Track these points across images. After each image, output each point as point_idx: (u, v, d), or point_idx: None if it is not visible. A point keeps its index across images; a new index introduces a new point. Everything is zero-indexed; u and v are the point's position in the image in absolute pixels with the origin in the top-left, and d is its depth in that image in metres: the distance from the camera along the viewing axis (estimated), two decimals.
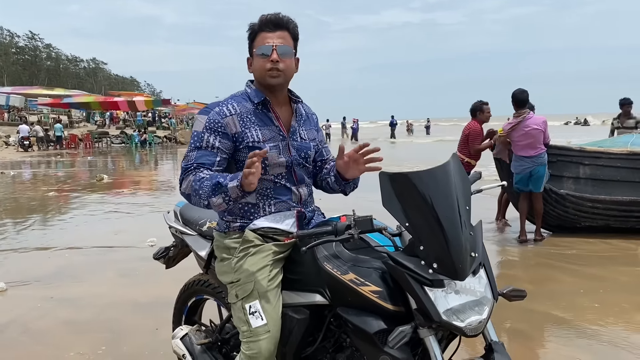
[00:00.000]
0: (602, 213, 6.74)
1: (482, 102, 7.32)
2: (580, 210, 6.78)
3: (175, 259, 3.00)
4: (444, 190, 1.80)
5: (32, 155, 25.29)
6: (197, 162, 2.10)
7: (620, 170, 6.79)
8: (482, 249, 1.86)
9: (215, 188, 2.00)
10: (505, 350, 1.89)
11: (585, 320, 4.03)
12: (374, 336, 1.85)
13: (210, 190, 2.01)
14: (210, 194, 2.01)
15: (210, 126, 2.13)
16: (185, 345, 2.64)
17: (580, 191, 6.77)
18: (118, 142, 33.95)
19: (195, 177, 2.07)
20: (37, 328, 4.04)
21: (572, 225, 6.96)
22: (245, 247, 2.19)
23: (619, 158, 6.87)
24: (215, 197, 2.01)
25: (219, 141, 2.13)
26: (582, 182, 6.85)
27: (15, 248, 6.72)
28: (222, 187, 1.99)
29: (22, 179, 15.73)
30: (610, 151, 6.98)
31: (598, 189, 6.74)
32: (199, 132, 2.15)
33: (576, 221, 6.88)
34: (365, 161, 2.15)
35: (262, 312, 2.11)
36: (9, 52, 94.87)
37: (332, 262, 2.01)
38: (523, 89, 6.54)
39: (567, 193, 6.74)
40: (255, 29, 2.18)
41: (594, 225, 6.85)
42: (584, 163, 6.87)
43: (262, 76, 2.17)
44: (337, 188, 2.36)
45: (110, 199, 11.04)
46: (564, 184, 6.84)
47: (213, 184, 2.00)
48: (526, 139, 6.42)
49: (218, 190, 1.99)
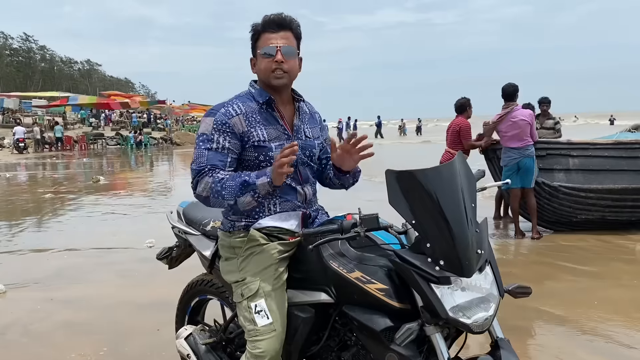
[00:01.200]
0: (596, 204, 6.79)
1: (467, 98, 7.52)
2: (574, 202, 6.83)
3: (178, 259, 2.99)
4: (450, 188, 1.81)
5: (27, 158, 25.20)
6: (210, 164, 2.10)
7: (608, 160, 6.91)
8: (488, 246, 1.87)
9: (243, 187, 2.03)
10: (511, 347, 1.90)
11: (585, 318, 4.06)
12: (381, 334, 1.86)
13: (238, 189, 2.03)
14: (237, 194, 2.03)
15: (219, 127, 2.13)
16: (190, 345, 2.64)
17: (572, 182, 6.83)
18: (113, 144, 33.86)
19: (213, 179, 2.06)
20: (37, 330, 4.03)
21: (568, 220, 7.00)
22: (251, 247, 2.19)
23: (606, 148, 7.04)
24: (244, 196, 2.04)
25: (229, 142, 2.13)
26: (573, 173, 6.91)
27: (13, 250, 6.71)
28: (250, 185, 2.02)
29: (18, 181, 15.67)
30: (597, 142, 7.26)
31: (589, 179, 6.82)
32: (208, 134, 2.13)
33: (572, 214, 6.92)
34: (357, 150, 2.16)
35: (267, 311, 2.12)
36: (3, 54, 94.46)
37: (338, 260, 2.02)
38: (513, 83, 6.76)
39: (559, 185, 6.80)
40: (258, 30, 2.18)
41: (591, 219, 6.89)
42: (572, 155, 6.94)
43: (266, 77, 2.17)
44: (337, 182, 2.37)
45: (107, 201, 11.02)
46: (556, 177, 6.88)
47: (239, 184, 2.03)
48: (513, 129, 6.57)
49: (246, 188, 2.03)
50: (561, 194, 6.81)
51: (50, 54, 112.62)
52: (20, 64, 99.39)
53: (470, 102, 7.47)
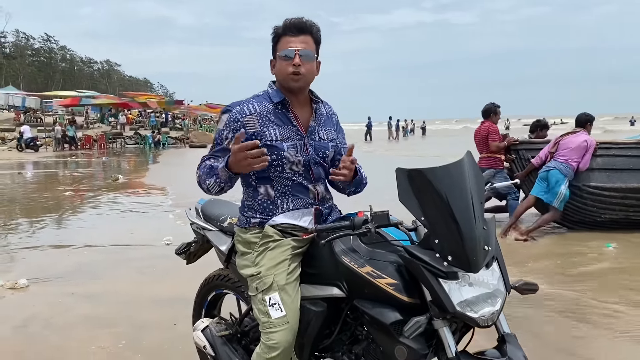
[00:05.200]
0: (620, 203, 6.77)
1: (495, 104, 7.60)
2: (598, 201, 6.81)
3: (196, 255, 3.08)
4: (459, 186, 1.87)
5: (47, 156, 25.58)
6: (211, 154, 2.28)
7: (632, 159, 6.87)
8: (495, 243, 1.92)
9: (209, 171, 2.21)
10: (517, 341, 1.95)
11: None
12: (390, 327, 1.92)
13: (206, 174, 2.22)
14: (205, 178, 2.23)
15: (231, 124, 2.24)
16: (206, 337, 2.72)
17: (595, 181, 6.81)
18: (132, 143, 34.23)
19: (204, 164, 2.27)
20: (58, 323, 4.15)
21: (592, 220, 6.98)
22: (265, 242, 2.27)
23: (629, 147, 7.01)
24: (209, 180, 2.20)
25: (233, 138, 2.17)
26: (596, 173, 6.88)
27: (35, 246, 6.86)
28: (213, 169, 2.18)
29: (39, 179, 15.95)
30: (619, 141, 7.25)
31: (613, 178, 6.79)
32: (220, 129, 2.27)
33: (596, 214, 6.90)
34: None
35: (281, 304, 2.19)
36: (25, 54, 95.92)
37: (350, 255, 2.08)
38: (587, 113, 7.06)
39: (583, 184, 6.79)
40: (279, 33, 2.26)
41: (615, 218, 6.87)
42: (595, 154, 6.89)
43: (284, 79, 2.25)
44: (340, 186, 2.43)
45: (125, 199, 11.19)
46: (579, 176, 6.85)
47: (207, 168, 2.23)
48: (562, 147, 6.75)
49: (211, 172, 2.20)
50: (585, 193, 6.80)
51: (70, 54, 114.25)
52: (42, 64, 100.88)
53: (496, 107, 7.53)
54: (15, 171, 17.88)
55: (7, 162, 21.98)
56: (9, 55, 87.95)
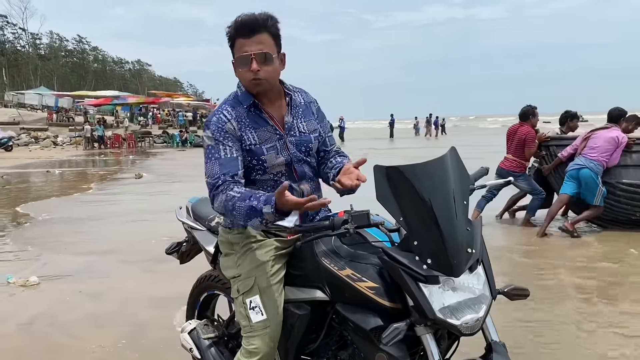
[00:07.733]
0: None
1: (532, 106, 7.38)
2: (632, 199, 6.56)
3: (190, 255, 3.02)
4: (440, 184, 1.75)
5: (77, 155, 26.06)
6: (223, 173, 2.04)
7: None
8: (481, 246, 1.80)
9: (250, 212, 1.93)
10: (505, 351, 1.83)
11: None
12: (371, 333, 1.82)
13: (246, 214, 1.94)
14: (246, 218, 1.96)
15: (218, 136, 2.08)
16: (193, 340, 2.66)
17: (630, 178, 6.56)
18: (160, 142, 34.61)
19: (226, 196, 1.99)
20: (63, 321, 4.15)
21: (626, 219, 6.74)
22: (248, 243, 2.18)
23: None
24: (252, 221, 1.96)
25: (229, 146, 2.08)
26: (631, 169, 6.64)
27: (50, 243, 6.91)
28: (257, 212, 1.92)
29: (66, 176, 16.23)
30: None
31: None
32: (212, 145, 2.08)
33: (630, 212, 6.66)
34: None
35: (262, 308, 2.10)
36: (59, 55, 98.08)
37: (330, 257, 1.99)
38: (620, 108, 6.84)
39: (616, 181, 6.56)
40: (232, 35, 2.08)
41: None
42: (630, 150, 6.65)
43: (245, 85, 2.12)
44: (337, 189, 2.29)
45: (145, 196, 11.26)
46: (612, 173, 6.62)
47: (247, 208, 1.93)
48: (593, 143, 6.54)
49: (253, 214, 1.93)
50: (618, 190, 6.57)
51: (102, 54, 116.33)
52: (75, 64, 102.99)
53: (533, 109, 7.31)
54: (43, 170, 18.20)
55: (37, 160, 22.48)
56: (44, 57, 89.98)
